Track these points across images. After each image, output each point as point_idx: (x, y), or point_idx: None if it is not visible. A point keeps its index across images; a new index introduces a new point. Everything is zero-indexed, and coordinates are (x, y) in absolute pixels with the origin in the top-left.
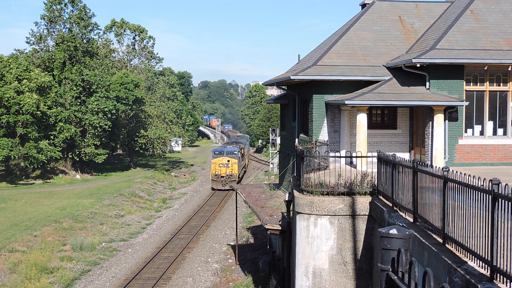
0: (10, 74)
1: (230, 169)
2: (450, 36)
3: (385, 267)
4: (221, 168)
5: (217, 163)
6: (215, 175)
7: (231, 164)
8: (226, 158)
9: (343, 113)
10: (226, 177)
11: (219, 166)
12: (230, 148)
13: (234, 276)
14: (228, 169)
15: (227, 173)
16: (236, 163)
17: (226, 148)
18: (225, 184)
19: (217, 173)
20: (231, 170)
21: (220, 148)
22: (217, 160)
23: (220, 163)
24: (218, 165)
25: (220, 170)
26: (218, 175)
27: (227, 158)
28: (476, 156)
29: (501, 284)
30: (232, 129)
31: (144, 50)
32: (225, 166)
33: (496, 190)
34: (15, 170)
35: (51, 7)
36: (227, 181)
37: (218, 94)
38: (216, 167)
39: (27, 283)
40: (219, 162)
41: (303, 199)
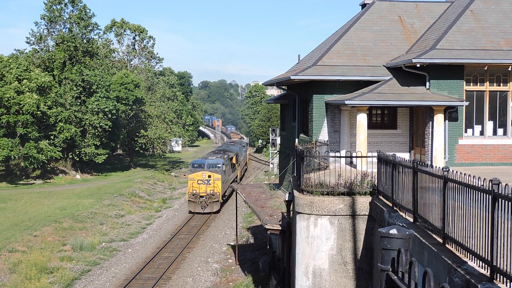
0: (10, 74)
1: (212, 187)
2: (450, 36)
3: (385, 267)
4: (200, 186)
5: (195, 179)
6: (192, 195)
7: (213, 180)
8: (206, 173)
9: (343, 113)
10: (206, 197)
11: (198, 183)
12: (212, 160)
13: (234, 276)
14: (209, 187)
15: (207, 192)
16: (219, 179)
17: (207, 160)
18: (205, 206)
19: (194, 192)
20: (212, 188)
21: (199, 160)
22: (195, 176)
23: (199, 179)
24: (197, 181)
25: (199, 188)
26: (196, 195)
27: (208, 173)
28: (476, 156)
29: (501, 284)
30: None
31: (144, 50)
32: (205, 183)
33: (496, 190)
34: (15, 170)
35: (51, 7)
36: (207, 202)
37: (218, 94)
38: (194, 184)
39: (27, 283)
40: (197, 178)
41: (303, 199)
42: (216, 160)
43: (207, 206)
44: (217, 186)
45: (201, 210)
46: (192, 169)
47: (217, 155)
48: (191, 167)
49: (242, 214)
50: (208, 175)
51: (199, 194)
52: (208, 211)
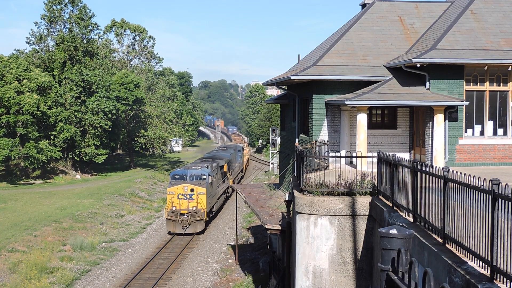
0: (10, 74)
1: (195, 203)
2: (450, 36)
3: (385, 267)
4: (181, 202)
5: (175, 194)
6: (171, 212)
7: (197, 194)
8: (189, 186)
9: (343, 113)
10: (188, 214)
11: (178, 198)
12: (196, 170)
13: (234, 276)
14: (191, 203)
15: (189, 209)
16: (203, 194)
17: (190, 171)
18: (186, 226)
19: (174, 209)
20: (196, 204)
21: (181, 171)
22: (175, 190)
23: (180, 193)
24: (177, 196)
25: (180, 204)
26: (175, 212)
27: (191, 186)
28: (476, 156)
29: (501, 284)
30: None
31: (144, 50)
32: (187, 198)
33: (496, 190)
34: (15, 170)
35: (51, 7)
36: (189, 220)
37: (218, 94)
38: (174, 200)
39: (27, 283)
40: (178, 193)
41: (303, 199)
42: (201, 170)
43: (189, 225)
44: (201, 202)
45: (182, 230)
46: (172, 181)
47: (203, 164)
48: (171, 178)
49: (242, 214)
50: (190, 189)
51: (179, 211)
52: (190, 231)
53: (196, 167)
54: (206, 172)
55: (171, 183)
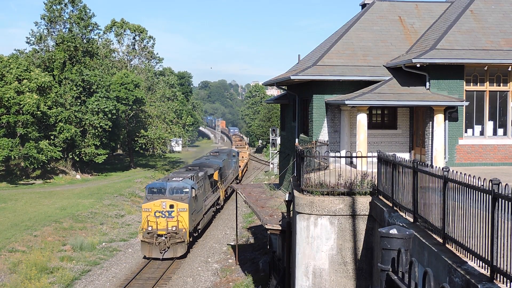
0: (10, 74)
1: (175, 222)
2: (450, 36)
3: (385, 267)
4: (159, 220)
5: (152, 211)
6: (147, 233)
7: (177, 211)
8: (168, 202)
9: (343, 113)
10: (167, 236)
11: (155, 215)
12: (177, 182)
13: (234, 276)
14: (171, 222)
15: (168, 229)
16: (185, 211)
17: (169, 183)
18: (165, 249)
19: (150, 229)
20: (176, 223)
21: (159, 183)
22: (151, 206)
23: (157, 210)
24: (154, 213)
25: (157, 224)
26: (152, 233)
27: (170, 202)
28: (476, 156)
29: (501, 284)
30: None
31: (144, 50)
32: (165, 215)
33: (496, 190)
34: (15, 170)
35: (51, 7)
36: (168, 243)
37: (218, 94)
38: (150, 218)
39: (27, 283)
40: (155, 209)
41: (303, 199)
42: (183, 182)
43: (167, 249)
44: (182, 220)
45: (160, 254)
46: (148, 195)
47: (187, 174)
48: (147, 192)
49: (242, 214)
50: (169, 205)
51: (156, 232)
52: (170, 256)
53: (177, 178)
54: (189, 185)
55: (147, 198)
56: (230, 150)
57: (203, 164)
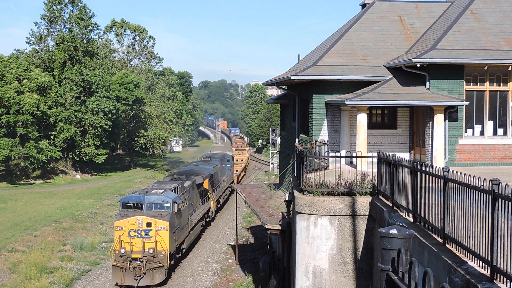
0: (10, 74)
1: (153, 242)
2: (450, 36)
3: (385, 267)
4: (134, 241)
5: (126, 230)
6: (120, 256)
7: (156, 231)
8: (144, 219)
9: (343, 113)
10: (143, 259)
11: (130, 235)
12: (156, 196)
13: (234, 276)
14: (148, 243)
15: (145, 251)
16: (165, 230)
17: (148, 197)
18: (140, 275)
19: (123, 252)
20: (153, 244)
21: (135, 196)
22: (125, 224)
23: (132, 229)
24: (128, 233)
25: (132, 245)
26: (125, 256)
27: (147, 219)
28: (476, 156)
29: (501, 284)
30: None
31: (144, 50)
32: (141, 235)
33: (496, 190)
34: (15, 170)
35: (51, 7)
36: (144, 268)
37: (218, 94)
38: (124, 238)
39: (27, 283)
40: (129, 228)
41: (303, 199)
42: (163, 196)
43: (143, 275)
44: (161, 241)
45: (134, 282)
46: (123, 211)
47: (170, 185)
48: (121, 207)
49: (242, 214)
50: (146, 223)
51: (130, 255)
52: (146, 283)
53: (157, 191)
54: (170, 198)
55: (121, 214)
56: (224, 155)
57: (191, 172)
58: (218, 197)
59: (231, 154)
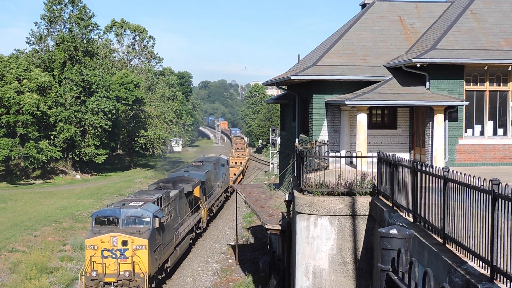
0: (10, 74)
1: (129, 264)
2: (450, 36)
3: (385, 267)
4: (107, 262)
5: (98, 249)
6: (91, 280)
7: (132, 250)
8: (119, 237)
9: (343, 113)
10: (117, 284)
11: (103, 255)
12: (133, 209)
13: (234, 276)
14: (123, 264)
15: (120, 274)
16: (144, 249)
17: (123, 210)
18: None
19: (95, 275)
20: (130, 265)
21: (110, 210)
22: (98, 242)
23: (105, 248)
24: (101, 252)
25: (105, 266)
26: (97, 280)
27: (123, 237)
28: (476, 156)
29: (501, 284)
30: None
31: (144, 50)
32: (115, 256)
33: (496, 190)
34: (15, 170)
35: (51, 7)
36: None
37: (218, 94)
38: (96, 259)
39: (27, 283)
40: (102, 247)
41: (303, 199)
42: (143, 209)
43: None
44: (139, 262)
45: None
46: (95, 227)
47: (152, 195)
48: (94, 222)
49: (242, 214)
50: (122, 241)
51: (103, 278)
52: None
53: (136, 203)
54: (150, 212)
55: (93, 231)
56: (218, 159)
57: (180, 179)
58: (210, 205)
59: (226, 157)
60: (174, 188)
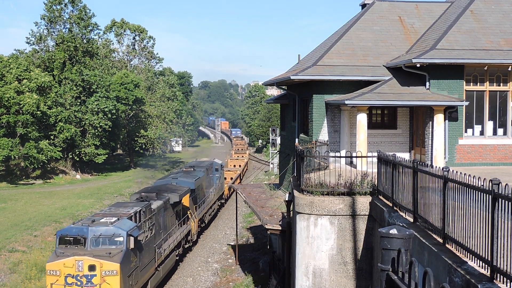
0: (10, 74)
1: None
2: (450, 36)
3: (385, 267)
4: None
5: (61, 274)
6: None
7: (101, 276)
8: (86, 260)
9: (343, 113)
10: None
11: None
12: (104, 226)
13: (234, 276)
14: None
15: None
16: (115, 274)
17: (91, 228)
18: None
19: None
20: None
21: (77, 229)
22: (60, 266)
23: (70, 274)
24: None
25: None
26: None
27: (90, 261)
28: (476, 156)
29: (501, 284)
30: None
31: (144, 50)
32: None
33: (496, 190)
34: (15, 170)
35: (51, 7)
36: None
37: (218, 94)
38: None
39: (27, 283)
40: (65, 272)
41: (303, 199)
42: (115, 227)
43: None
44: None
45: None
46: (59, 248)
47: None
48: (57, 242)
49: (242, 214)
50: (89, 266)
51: None
52: None
53: (108, 219)
54: (124, 230)
55: (56, 253)
56: (212, 163)
57: (166, 188)
58: (202, 215)
59: (220, 162)
60: (158, 198)
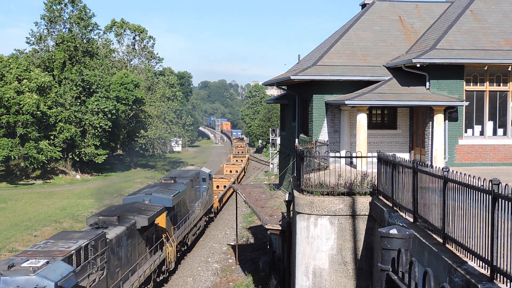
0: (10, 74)
1: None
2: (450, 36)
3: (385, 267)
4: None
5: None
6: None
7: None
8: None
9: (343, 113)
10: None
11: None
12: (24, 277)
13: (234, 276)
14: None
15: None
16: None
17: (6, 279)
18: None
19: None
20: None
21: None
22: None
23: None
24: None
25: None
26: None
27: None
28: (476, 156)
29: (501, 284)
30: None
31: (144, 50)
32: None
33: (496, 190)
34: (15, 170)
35: (51, 7)
36: None
37: (218, 94)
38: None
39: None
40: None
41: (303, 199)
42: (38, 277)
43: None
44: None
45: None
46: None
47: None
48: None
49: (242, 214)
50: None
51: None
52: None
53: (34, 262)
54: (52, 281)
55: None
56: (198, 173)
57: (133, 209)
58: (184, 237)
59: (208, 171)
60: (120, 223)
